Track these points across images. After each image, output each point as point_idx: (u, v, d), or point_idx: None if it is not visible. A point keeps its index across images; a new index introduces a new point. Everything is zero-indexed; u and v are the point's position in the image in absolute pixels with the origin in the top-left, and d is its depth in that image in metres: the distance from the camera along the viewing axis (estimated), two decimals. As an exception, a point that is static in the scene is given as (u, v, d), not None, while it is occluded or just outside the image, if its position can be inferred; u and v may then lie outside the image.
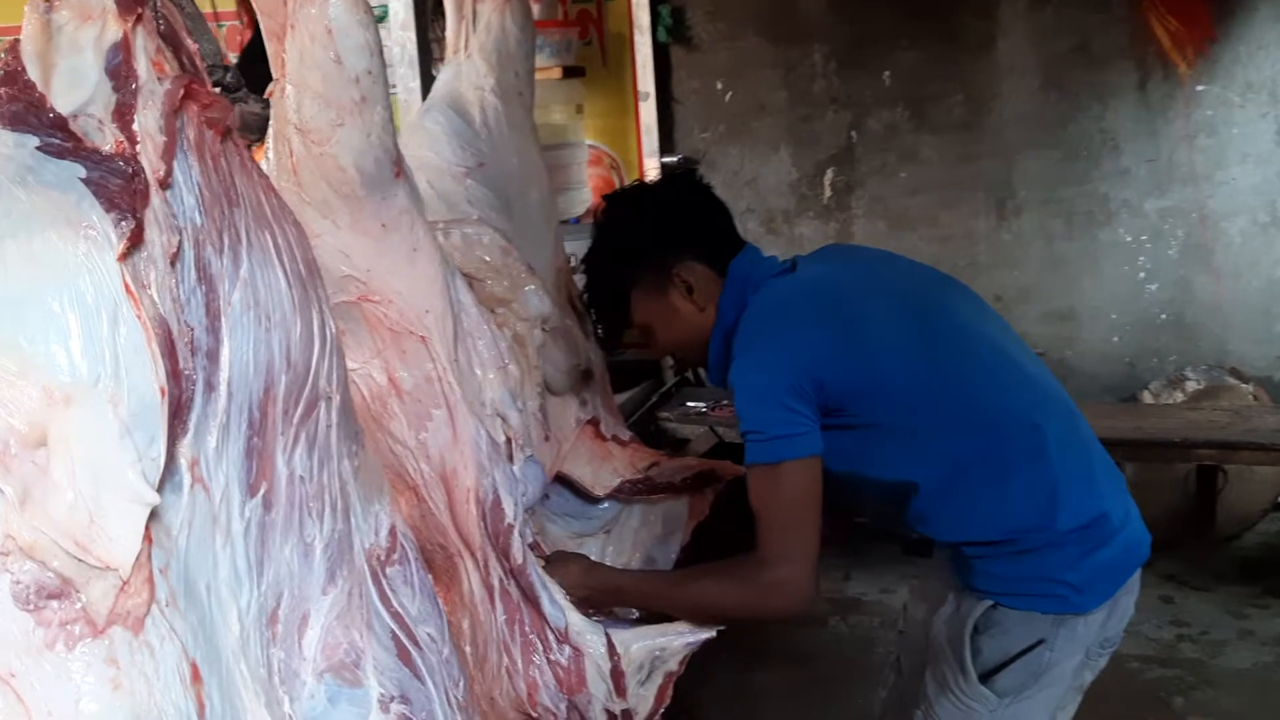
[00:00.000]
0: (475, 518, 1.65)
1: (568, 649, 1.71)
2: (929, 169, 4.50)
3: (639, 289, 1.90)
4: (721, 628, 1.77)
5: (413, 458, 1.65)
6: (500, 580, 1.68)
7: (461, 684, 1.34)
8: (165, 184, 1.04)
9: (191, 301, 1.07)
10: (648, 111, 4.50)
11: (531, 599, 1.69)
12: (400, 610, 1.31)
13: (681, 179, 2.01)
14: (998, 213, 4.49)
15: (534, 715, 1.73)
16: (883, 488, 1.82)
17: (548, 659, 1.70)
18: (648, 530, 2.22)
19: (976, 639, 1.78)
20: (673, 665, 1.77)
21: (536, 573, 1.70)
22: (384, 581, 1.32)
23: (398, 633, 1.29)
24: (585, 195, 4.27)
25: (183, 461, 1.05)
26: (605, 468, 2.21)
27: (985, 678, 1.78)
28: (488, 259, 2.02)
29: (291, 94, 1.40)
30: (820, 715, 3.09)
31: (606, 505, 2.24)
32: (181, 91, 1.07)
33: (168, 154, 1.05)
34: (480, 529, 1.65)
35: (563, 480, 2.19)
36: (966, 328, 1.84)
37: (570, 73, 4.34)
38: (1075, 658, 1.79)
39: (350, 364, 1.64)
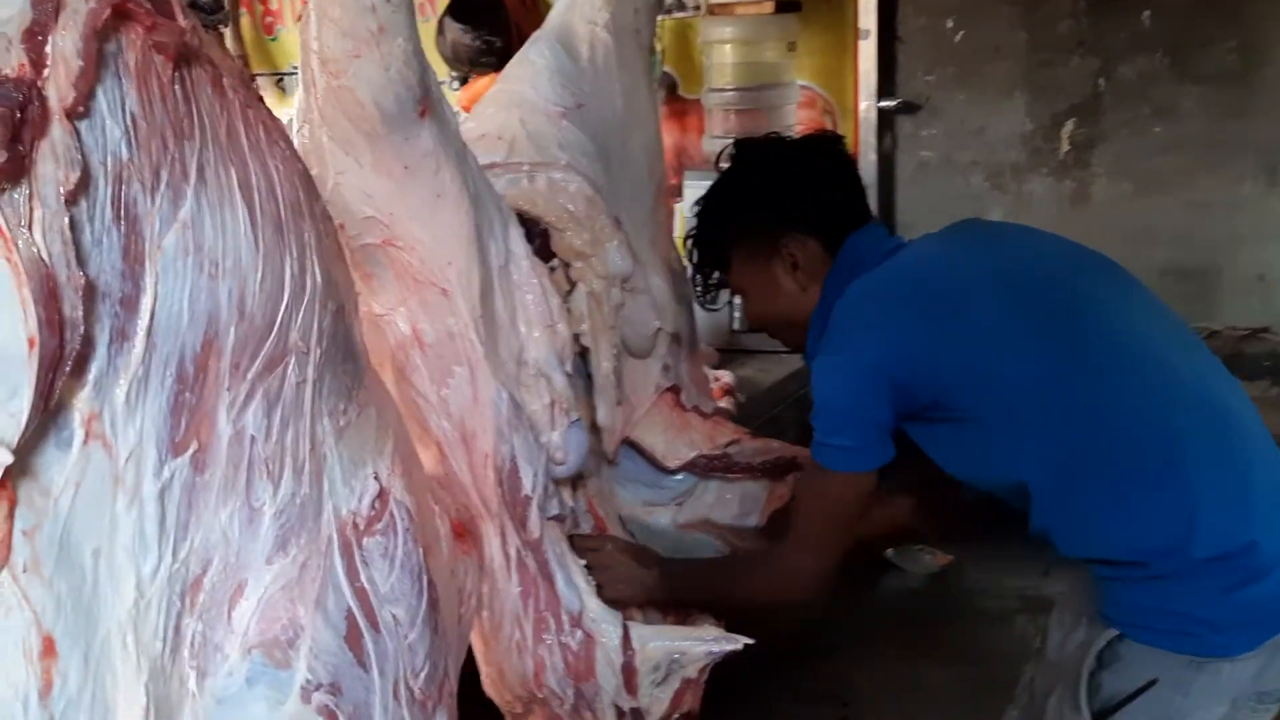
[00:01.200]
0: (493, 484, 1.54)
1: (580, 633, 1.59)
2: (1189, 125, 3.82)
3: (741, 251, 1.76)
4: (749, 641, 1.62)
5: (435, 413, 1.55)
6: (518, 550, 1.57)
7: (424, 673, 1.21)
8: (74, 113, 0.93)
9: (104, 243, 0.96)
10: (867, 51, 4.03)
11: (547, 576, 1.58)
12: (367, 586, 1.19)
13: (822, 143, 1.82)
14: (1268, 179, 3.78)
15: (539, 695, 1.62)
16: (998, 491, 1.62)
17: (559, 640, 1.59)
18: (722, 508, 2.06)
19: (1098, 674, 1.55)
20: (691, 672, 1.62)
21: (554, 550, 1.57)
22: (356, 553, 1.20)
23: (355, 611, 1.17)
24: (791, 141, 4.01)
25: (76, 416, 0.95)
26: (681, 439, 2.05)
27: (1102, 718, 1.55)
28: (571, 208, 1.87)
29: (313, 20, 1.29)
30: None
31: (681, 477, 2.08)
32: (108, 11, 0.95)
33: (83, 80, 0.93)
34: (498, 496, 1.54)
35: (637, 447, 2.06)
36: (1098, 313, 1.58)
37: (784, 7, 3.94)
38: (1217, 709, 1.51)
39: (376, 309, 1.56)
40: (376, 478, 1.25)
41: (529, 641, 1.58)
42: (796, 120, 4.01)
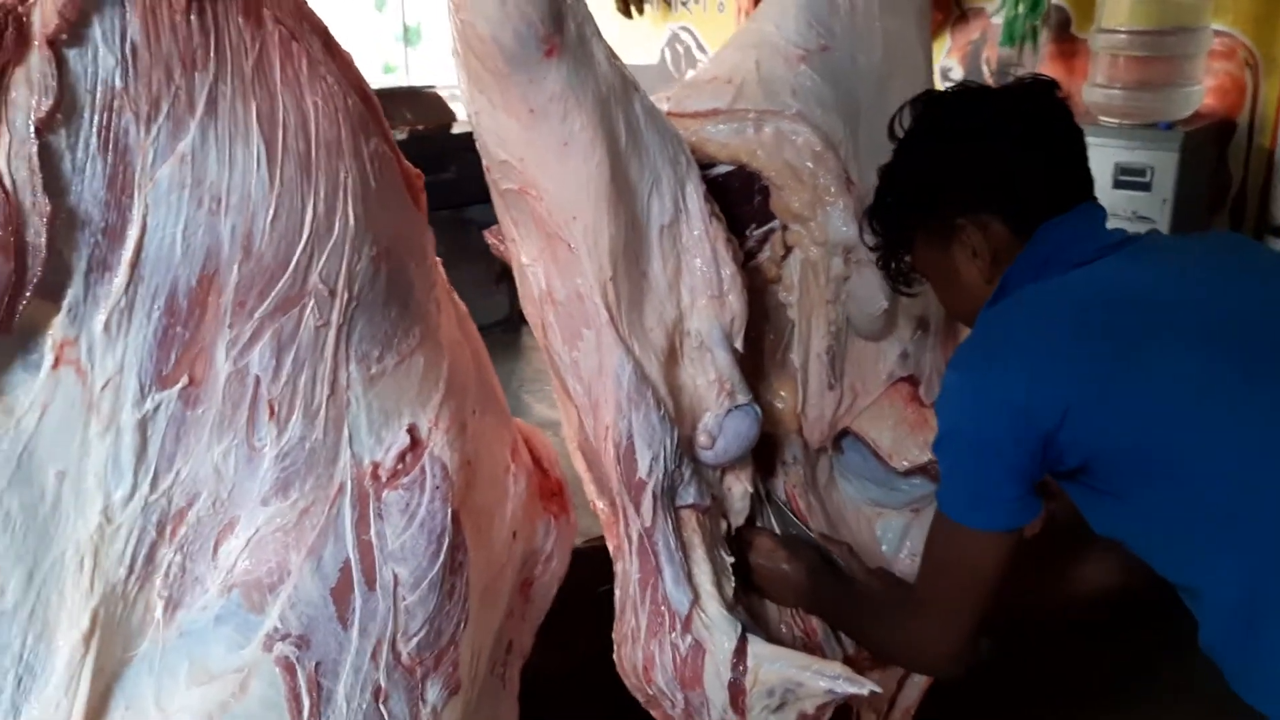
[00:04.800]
0: (611, 459, 1.41)
1: (690, 638, 1.42)
2: None
3: (924, 232, 1.41)
4: (875, 688, 1.35)
5: (569, 375, 1.44)
6: (639, 534, 1.43)
7: (419, 638, 1.14)
8: (57, 41, 0.94)
9: (86, 172, 0.97)
10: (1314, -6, 3.21)
11: (660, 569, 1.42)
12: (374, 540, 1.14)
13: (1029, 95, 1.36)
14: None
15: (649, 692, 1.48)
16: (1165, 577, 1.23)
17: (669, 639, 1.43)
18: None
19: None
20: (809, 707, 1.38)
21: (666, 542, 1.41)
22: (372, 504, 1.16)
23: (353, 564, 1.13)
24: (1194, 97, 3.30)
25: (48, 341, 0.98)
26: (914, 439, 1.75)
27: None
28: (794, 163, 1.65)
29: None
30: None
31: (918, 481, 1.80)
32: (104, -60, 0.95)
33: (70, 7, 0.94)
34: (616, 474, 1.41)
35: (863, 440, 1.80)
36: None
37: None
38: None
39: (523, 259, 1.47)
40: (412, 430, 1.18)
41: (642, 633, 1.45)
42: (1206, 72, 3.28)
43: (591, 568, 1.66)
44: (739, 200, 1.67)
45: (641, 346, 1.42)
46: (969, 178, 1.33)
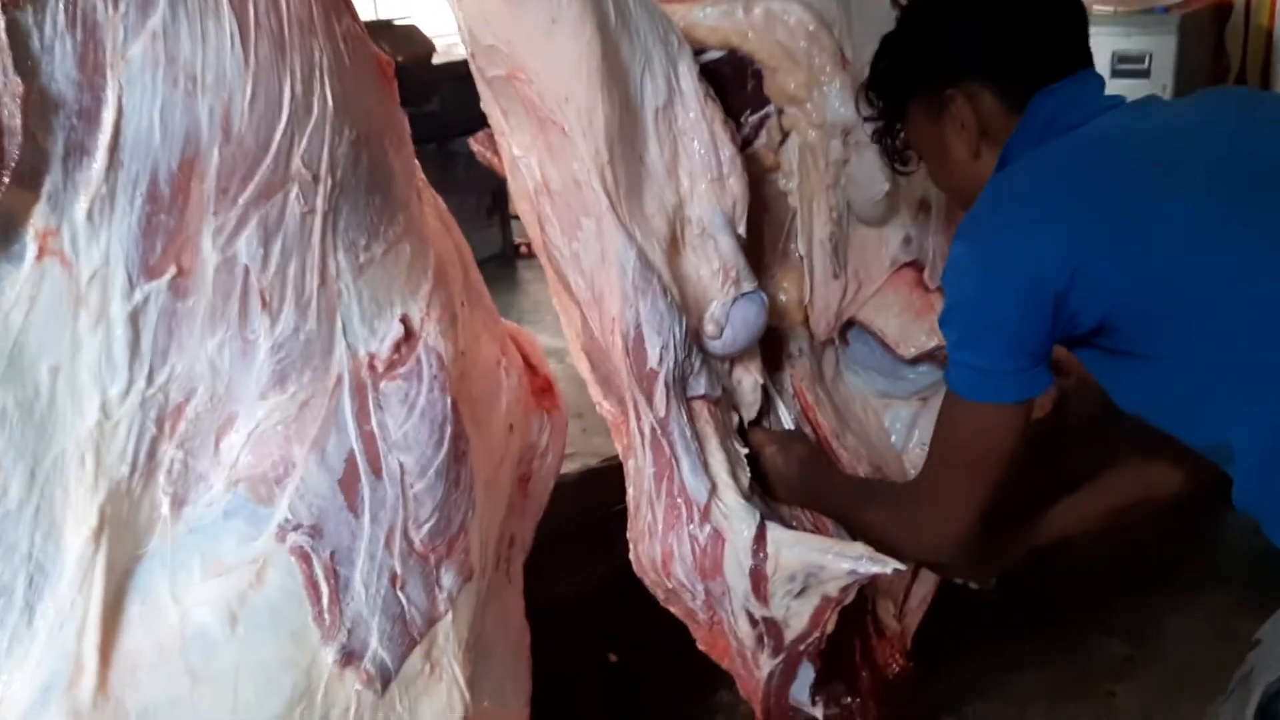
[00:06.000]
0: (620, 352, 1.39)
1: (708, 527, 1.41)
2: None
3: (917, 104, 1.39)
4: (899, 566, 1.34)
5: (570, 268, 1.42)
6: (652, 427, 1.42)
7: (429, 525, 1.14)
8: (13, -89, 0.92)
9: (55, 51, 0.94)
10: None
11: (676, 459, 1.41)
12: (376, 430, 1.14)
13: None
14: None
15: (669, 585, 1.48)
16: (1191, 443, 1.22)
17: (687, 530, 1.42)
18: (971, 411, 1.73)
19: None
20: (831, 590, 1.38)
21: (682, 432, 1.40)
22: (370, 395, 1.14)
23: (357, 454, 1.12)
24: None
25: (29, 230, 0.96)
26: (920, 325, 1.74)
27: None
28: (786, 44, 1.62)
29: None
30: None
31: (925, 369, 1.79)
32: None
33: (24, -123, 0.92)
34: (625, 366, 1.39)
35: (869, 330, 1.78)
36: None
37: None
38: None
39: (515, 150, 1.44)
40: (405, 320, 1.17)
41: (659, 526, 1.44)
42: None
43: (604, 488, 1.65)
44: (732, 86, 1.65)
45: (644, 234, 1.40)
46: (960, 46, 1.32)
